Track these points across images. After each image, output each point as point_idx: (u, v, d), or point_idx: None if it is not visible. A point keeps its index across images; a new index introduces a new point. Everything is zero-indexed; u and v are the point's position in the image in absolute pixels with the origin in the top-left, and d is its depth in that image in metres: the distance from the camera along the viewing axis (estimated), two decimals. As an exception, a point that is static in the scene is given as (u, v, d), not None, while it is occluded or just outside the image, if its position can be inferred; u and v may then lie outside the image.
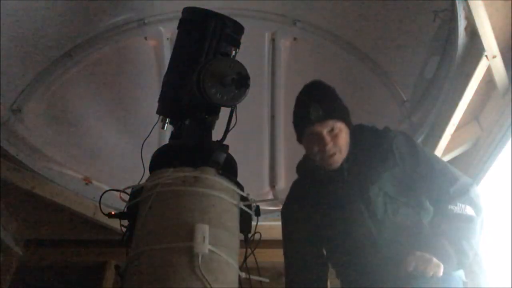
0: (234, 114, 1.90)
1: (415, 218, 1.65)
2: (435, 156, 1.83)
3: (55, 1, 2.52)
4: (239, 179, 1.83)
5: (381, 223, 1.62)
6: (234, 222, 1.70)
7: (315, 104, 1.66)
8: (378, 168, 1.67)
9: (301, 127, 1.72)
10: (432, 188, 1.68)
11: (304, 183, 1.88)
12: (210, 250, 1.51)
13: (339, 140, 1.66)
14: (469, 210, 1.59)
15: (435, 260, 1.47)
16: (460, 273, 1.66)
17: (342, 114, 1.70)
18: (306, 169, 1.87)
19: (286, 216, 1.90)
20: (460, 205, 1.60)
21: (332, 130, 1.66)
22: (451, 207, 1.60)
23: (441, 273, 1.48)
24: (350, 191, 1.68)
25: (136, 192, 1.76)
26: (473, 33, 2.10)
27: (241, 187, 1.80)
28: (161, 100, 2.03)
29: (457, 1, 2.03)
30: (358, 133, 1.76)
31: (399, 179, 1.67)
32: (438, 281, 1.50)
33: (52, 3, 2.52)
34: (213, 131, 1.98)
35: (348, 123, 1.72)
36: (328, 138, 1.65)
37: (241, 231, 1.75)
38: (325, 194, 1.75)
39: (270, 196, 3.18)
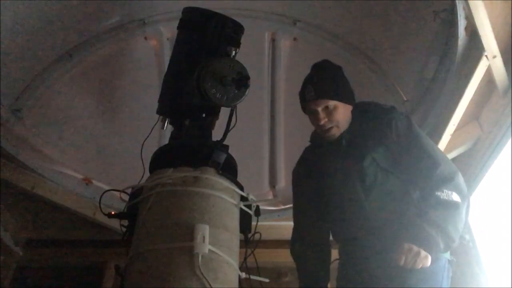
0: (234, 114, 1.90)
1: (403, 189, 1.76)
2: (428, 140, 1.85)
3: (55, 1, 2.52)
4: (239, 179, 1.84)
5: (369, 189, 1.76)
6: (234, 222, 1.70)
7: (309, 85, 1.84)
8: (375, 141, 1.81)
9: (301, 104, 1.91)
10: (419, 169, 1.75)
11: (312, 149, 2.04)
12: (210, 250, 1.51)
13: (334, 116, 1.81)
14: (455, 197, 1.64)
15: (423, 252, 1.55)
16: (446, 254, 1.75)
17: (336, 94, 1.82)
18: (315, 137, 2.02)
19: (295, 176, 2.07)
20: (446, 191, 1.64)
21: (327, 107, 1.81)
22: (438, 193, 1.64)
23: (429, 264, 1.56)
24: (346, 159, 1.83)
25: (136, 192, 1.76)
26: (473, 33, 2.10)
27: (241, 187, 1.80)
28: (161, 100, 2.03)
29: (457, 1, 2.03)
30: (363, 109, 1.90)
31: (393, 154, 1.80)
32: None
33: (52, 3, 2.52)
34: (213, 131, 1.98)
35: (346, 100, 1.85)
36: (322, 115, 1.81)
37: (241, 231, 1.75)
38: (326, 160, 1.91)
39: (270, 196, 3.19)
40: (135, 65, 3.02)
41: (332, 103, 1.80)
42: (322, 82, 1.84)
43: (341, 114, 1.82)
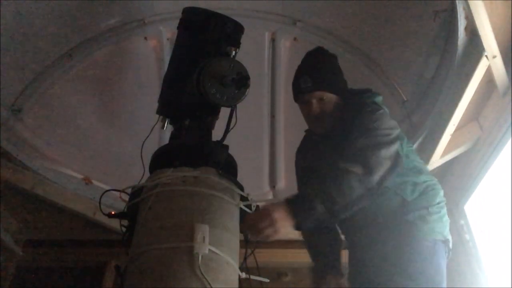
0: (234, 114, 1.90)
1: (397, 184, 1.70)
2: (379, 120, 1.70)
3: (55, 1, 2.52)
4: (239, 179, 1.83)
5: None
6: (234, 222, 1.69)
7: (305, 76, 1.81)
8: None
9: (295, 94, 1.90)
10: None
11: (307, 139, 2.06)
12: (210, 250, 1.50)
13: (325, 109, 1.80)
14: (357, 169, 1.52)
15: (275, 215, 1.47)
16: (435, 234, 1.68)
17: (332, 86, 1.81)
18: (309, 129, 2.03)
19: (295, 162, 2.10)
20: (349, 164, 1.55)
21: (321, 99, 1.80)
22: (342, 164, 1.56)
23: (279, 231, 1.47)
24: (336, 153, 1.74)
25: (136, 192, 1.76)
26: (473, 33, 2.10)
27: (241, 187, 1.79)
28: (161, 100, 2.03)
29: (457, 1, 2.03)
30: (349, 102, 1.84)
31: None
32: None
33: (52, 3, 2.52)
34: (213, 131, 1.98)
35: (339, 93, 1.82)
36: (314, 107, 1.81)
37: (241, 231, 1.75)
38: (314, 151, 1.95)
39: (270, 196, 3.19)
40: (135, 65, 3.02)
41: (328, 95, 1.79)
42: (319, 73, 1.81)
43: (332, 108, 1.80)
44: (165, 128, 2.01)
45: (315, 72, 1.82)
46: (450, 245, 1.75)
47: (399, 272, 1.60)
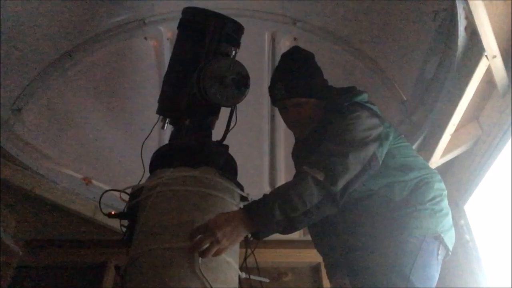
0: (234, 114, 1.90)
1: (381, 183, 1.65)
2: (356, 124, 1.62)
3: (55, 1, 2.52)
4: (239, 179, 1.84)
5: None
6: (234, 222, 1.69)
7: (279, 83, 1.80)
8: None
9: (271, 101, 1.91)
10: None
11: (296, 141, 2.03)
12: (210, 250, 1.50)
13: (303, 114, 1.79)
14: (319, 175, 1.47)
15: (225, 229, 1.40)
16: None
17: (307, 90, 1.79)
18: None
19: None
20: (315, 169, 1.49)
21: (297, 105, 1.79)
22: (305, 168, 1.51)
23: (231, 241, 1.41)
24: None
25: (136, 192, 1.76)
26: (473, 33, 2.09)
27: (241, 187, 1.79)
28: (161, 100, 2.03)
29: (457, 1, 2.02)
30: (328, 104, 1.79)
31: None
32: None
33: (52, 3, 2.52)
34: (213, 131, 1.98)
35: (316, 96, 1.80)
36: (291, 113, 1.81)
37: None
38: (299, 154, 1.94)
39: (270, 196, 3.18)
40: (135, 65, 3.02)
41: (303, 100, 1.78)
42: (292, 79, 1.79)
43: (309, 112, 1.79)
44: (165, 128, 2.01)
45: (289, 78, 1.79)
46: (448, 241, 1.64)
47: (381, 270, 1.55)
